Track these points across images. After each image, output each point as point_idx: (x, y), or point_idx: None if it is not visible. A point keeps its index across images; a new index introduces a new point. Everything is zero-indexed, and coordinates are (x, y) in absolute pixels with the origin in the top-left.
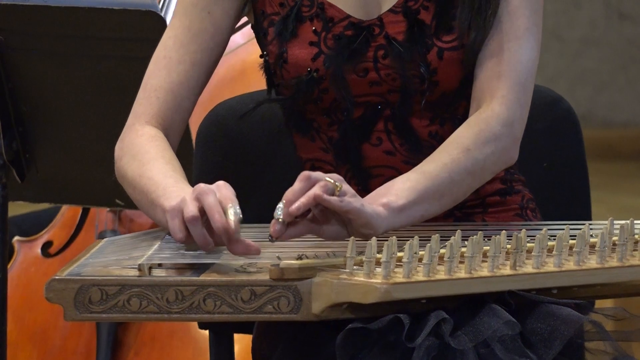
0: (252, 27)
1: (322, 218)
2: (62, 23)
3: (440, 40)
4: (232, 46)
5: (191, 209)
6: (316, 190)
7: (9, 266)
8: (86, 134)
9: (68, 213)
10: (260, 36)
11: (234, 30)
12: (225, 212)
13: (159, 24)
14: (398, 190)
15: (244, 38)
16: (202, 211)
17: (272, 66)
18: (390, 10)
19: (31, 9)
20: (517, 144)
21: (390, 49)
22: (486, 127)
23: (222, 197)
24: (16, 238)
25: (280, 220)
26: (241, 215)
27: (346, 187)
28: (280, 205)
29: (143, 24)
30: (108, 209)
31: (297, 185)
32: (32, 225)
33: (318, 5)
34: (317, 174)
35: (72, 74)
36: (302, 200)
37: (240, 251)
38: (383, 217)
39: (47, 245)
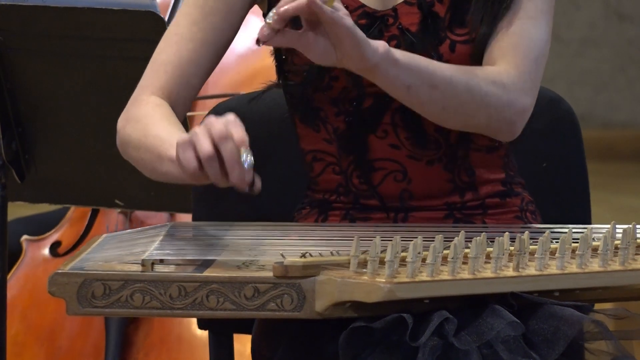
0: (264, 15)
1: (312, 31)
2: (61, 23)
3: (453, 33)
4: (241, 50)
5: (207, 147)
6: None
7: (16, 266)
8: (85, 134)
9: (77, 213)
10: None
11: (246, 13)
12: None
13: (158, 25)
14: (400, 50)
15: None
16: (215, 147)
17: (284, 52)
18: (405, 2)
19: (30, 9)
20: (521, 114)
21: (403, 39)
22: (496, 74)
23: (238, 140)
24: (24, 237)
25: (269, 22)
26: (253, 161)
27: (342, 7)
28: (273, 11)
29: (142, 25)
30: (119, 210)
31: None
32: (40, 227)
33: None
34: None
35: (71, 74)
36: (294, 3)
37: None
38: (374, 50)
39: (55, 245)
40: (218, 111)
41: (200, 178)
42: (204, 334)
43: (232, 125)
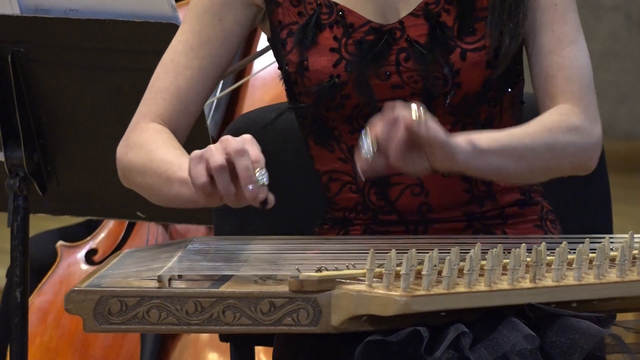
0: (268, 40)
1: (405, 150)
2: (83, 35)
3: (463, 41)
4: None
5: (218, 158)
6: (405, 121)
7: (51, 271)
8: (107, 146)
9: (115, 222)
10: (278, 47)
11: (244, 38)
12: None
13: None
14: (480, 136)
15: None
16: (229, 162)
17: (293, 75)
18: (411, 14)
19: (52, 22)
20: (597, 149)
21: (412, 51)
22: (567, 118)
23: (253, 158)
24: (60, 243)
25: (369, 158)
26: (268, 180)
27: (430, 119)
28: (365, 141)
29: (164, 36)
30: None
31: (385, 125)
32: (76, 236)
33: (337, 12)
34: (401, 110)
35: (92, 86)
36: (395, 140)
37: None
38: (463, 150)
39: (91, 253)
40: (239, 124)
41: (211, 195)
42: None
43: (248, 144)
